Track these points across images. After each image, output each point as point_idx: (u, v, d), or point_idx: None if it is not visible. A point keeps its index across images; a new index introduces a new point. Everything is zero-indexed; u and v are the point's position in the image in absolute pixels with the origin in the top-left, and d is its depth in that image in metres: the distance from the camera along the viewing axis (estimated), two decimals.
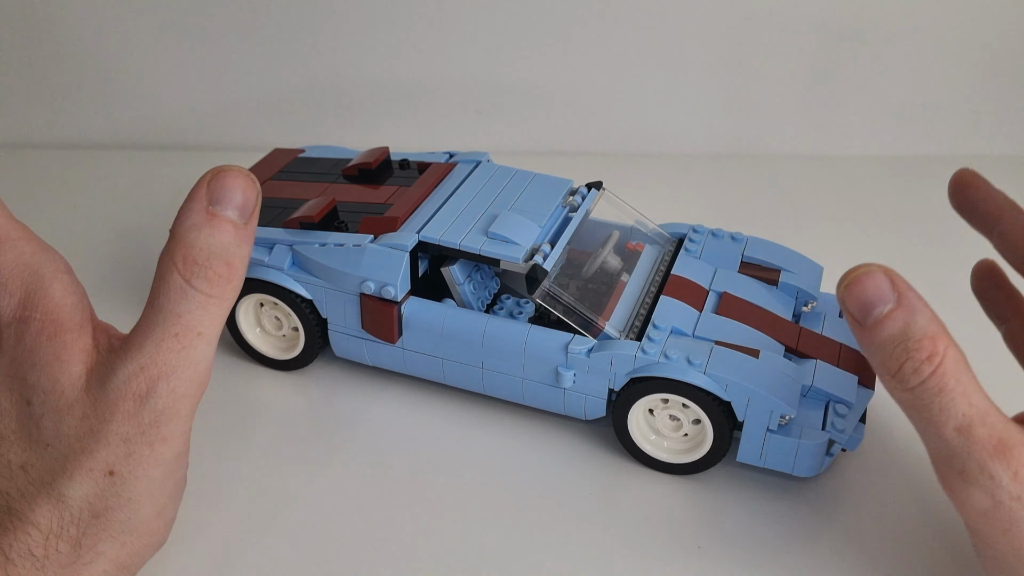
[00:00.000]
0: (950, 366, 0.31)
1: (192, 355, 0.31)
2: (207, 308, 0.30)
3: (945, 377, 0.30)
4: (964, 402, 0.31)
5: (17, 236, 0.32)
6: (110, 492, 0.30)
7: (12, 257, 0.31)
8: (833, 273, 0.52)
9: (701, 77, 0.73)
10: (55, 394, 0.30)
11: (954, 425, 0.31)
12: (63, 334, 0.31)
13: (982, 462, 0.30)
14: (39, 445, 0.30)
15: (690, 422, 0.42)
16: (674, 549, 0.40)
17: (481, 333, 0.43)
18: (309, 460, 0.44)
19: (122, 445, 0.30)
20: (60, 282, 0.32)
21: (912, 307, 0.31)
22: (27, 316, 0.31)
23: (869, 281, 0.32)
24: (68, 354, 0.31)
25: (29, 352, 0.31)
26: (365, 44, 0.71)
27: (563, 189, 0.48)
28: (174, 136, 0.75)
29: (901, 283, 0.32)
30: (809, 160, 0.74)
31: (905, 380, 0.31)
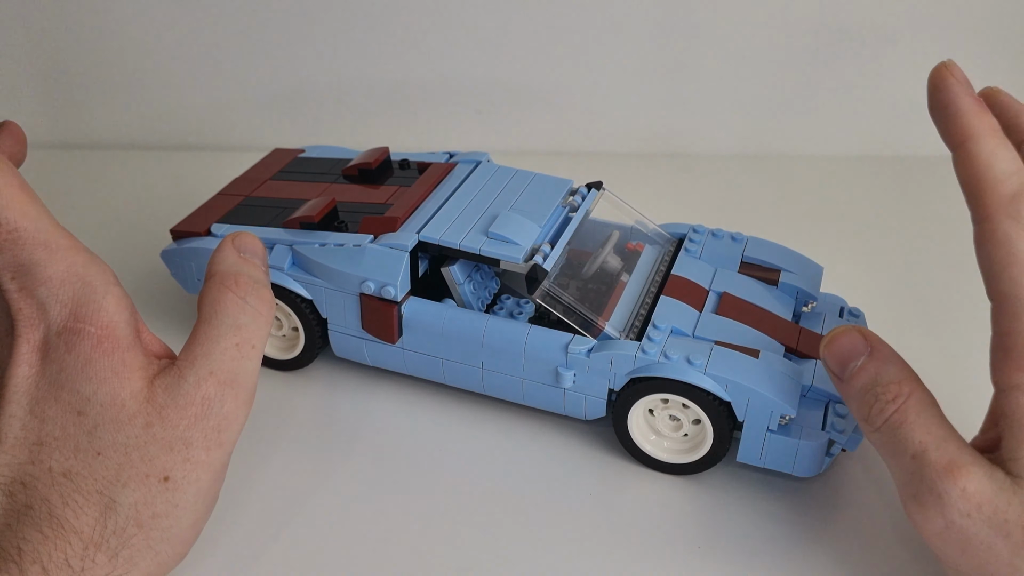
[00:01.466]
0: (913, 403, 0.33)
1: (249, 366, 0.33)
2: (259, 323, 0.34)
3: (907, 412, 0.33)
4: (922, 431, 0.32)
5: (67, 245, 0.32)
6: (160, 498, 0.31)
7: (64, 267, 0.32)
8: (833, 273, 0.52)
9: (701, 77, 0.73)
10: (114, 407, 0.31)
11: (911, 452, 0.32)
12: (120, 351, 0.32)
13: (932, 483, 0.32)
14: (88, 454, 0.31)
15: (690, 422, 0.42)
16: (674, 549, 0.40)
17: (481, 333, 0.43)
18: (309, 460, 0.44)
19: (183, 450, 0.31)
20: (112, 295, 0.32)
21: (883, 358, 0.34)
22: (79, 328, 0.31)
23: (844, 339, 0.35)
24: (127, 371, 0.32)
25: (83, 365, 0.31)
26: (365, 44, 0.71)
27: (563, 189, 0.48)
28: (174, 136, 0.75)
29: (873, 338, 0.35)
30: (809, 160, 0.74)
31: (872, 421, 0.34)
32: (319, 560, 0.39)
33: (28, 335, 0.31)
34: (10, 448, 0.30)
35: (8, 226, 0.31)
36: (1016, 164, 0.33)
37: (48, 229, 0.32)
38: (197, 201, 0.53)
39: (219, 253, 0.35)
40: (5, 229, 0.31)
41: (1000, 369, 0.32)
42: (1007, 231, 0.32)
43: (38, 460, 0.30)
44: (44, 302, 0.31)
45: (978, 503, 0.31)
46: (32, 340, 0.31)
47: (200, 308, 0.34)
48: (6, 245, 0.31)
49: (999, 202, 0.32)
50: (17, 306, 0.31)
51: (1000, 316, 0.32)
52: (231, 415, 0.32)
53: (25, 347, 0.31)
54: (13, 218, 0.31)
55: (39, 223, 0.31)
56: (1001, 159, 0.33)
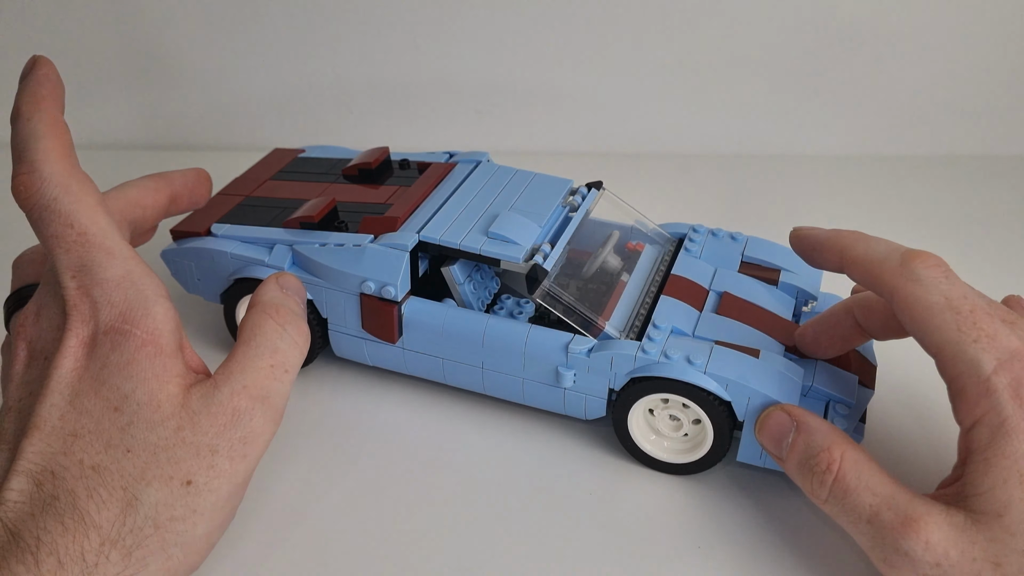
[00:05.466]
0: (848, 467, 0.34)
1: (281, 388, 0.35)
2: (295, 350, 0.36)
3: (846, 479, 0.34)
4: (868, 495, 0.33)
5: (127, 255, 0.34)
6: (180, 502, 0.32)
7: (120, 273, 0.33)
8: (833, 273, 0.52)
9: (701, 77, 0.73)
10: (150, 407, 0.32)
11: (865, 518, 0.33)
12: (163, 357, 0.33)
13: (895, 543, 0.32)
14: (118, 450, 0.31)
15: (690, 422, 0.42)
16: (674, 549, 0.40)
17: (481, 333, 0.43)
18: (309, 460, 0.44)
19: (208, 456, 0.32)
20: (161, 306, 0.34)
21: (807, 429, 0.36)
22: (127, 330, 0.33)
23: (770, 420, 0.38)
24: (167, 375, 0.33)
25: (127, 364, 0.32)
26: (365, 44, 0.71)
27: (563, 189, 0.48)
28: (174, 136, 0.75)
29: (797, 412, 0.37)
30: (809, 160, 0.74)
31: (817, 495, 0.35)
32: (319, 558, 0.39)
33: (78, 330, 0.33)
34: (47, 436, 0.31)
35: (79, 229, 0.33)
36: (888, 243, 0.37)
37: (113, 237, 0.34)
38: None
39: (264, 286, 0.38)
40: (76, 231, 0.33)
41: (959, 411, 0.33)
42: (912, 291, 0.34)
43: (71, 451, 0.31)
44: (97, 301, 0.33)
45: (944, 551, 0.32)
46: (80, 335, 0.33)
47: (240, 332, 0.36)
48: (74, 246, 0.33)
49: (893, 273, 0.35)
50: (72, 302, 0.33)
51: (943, 366, 0.34)
52: (258, 430, 0.33)
53: (73, 341, 0.33)
54: (85, 223, 0.33)
55: (106, 231, 0.34)
56: (875, 244, 0.37)
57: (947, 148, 0.76)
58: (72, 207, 0.33)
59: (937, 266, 0.35)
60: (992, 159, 0.75)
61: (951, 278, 0.34)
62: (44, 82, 0.36)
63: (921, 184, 0.71)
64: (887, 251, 0.36)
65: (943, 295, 0.34)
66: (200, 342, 0.51)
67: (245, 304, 0.48)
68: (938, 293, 0.34)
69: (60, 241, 0.33)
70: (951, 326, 0.33)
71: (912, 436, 0.46)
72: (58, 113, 0.36)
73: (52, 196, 0.33)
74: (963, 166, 0.73)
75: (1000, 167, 0.74)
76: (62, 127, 0.36)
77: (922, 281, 0.34)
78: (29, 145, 0.34)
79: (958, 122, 0.75)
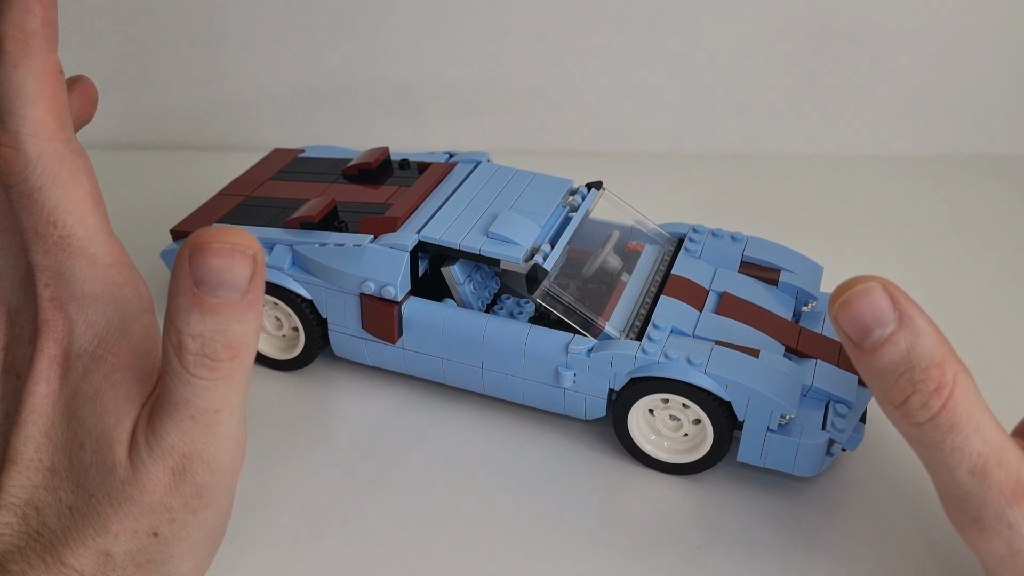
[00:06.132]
0: (961, 398, 0.28)
1: (218, 430, 0.29)
2: (216, 389, 0.28)
3: (957, 412, 0.28)
4: (978, 440, 0.28)
5: (112, 262, 0.31)
6: (153, 549, 0.30)
7: (100, 287, 0.30)
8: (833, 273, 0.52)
9: (701, 77, 0.73)
10: (104, 449, 0.29)
11: (968, 467, 0.28)
12: (128, 385, 0.30)
13: (999, 509, 0.28)
14: (85, 492, 0.29)
15: (690, 422, 0.42)
16: (674, 549, 0.40)
17: (481, 333, 0.43)
18: (309, 460, 0.44)
19: (165, 513, 0.29)
20: (140, 324, 0.31)
21: (916, 328, 0.28)
22: (100, 354, 0.30)
23: (867, 299, 0.28)
24: (126, 408, 0.30)
25: (93, 394, 0.30)
26: (365, 44, 0.71)
27: (563, 189, 0.48)
28: (174, 136, 0.75)
29: (903, 300, 0.28)
30: (809, 160, 0.74)
31: (912, 415, 0.28)
32: (318, 559, 0.39)
33: (50, 350, 0.30)
34: (24, 470, 0.30)
35: (63, 230, 0.29)
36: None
37: (100, 242, 0.30)
38: (197, 201, 0.53)
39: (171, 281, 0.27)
40: (58, 232, 0.29)
41: None
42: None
43: (51, 487, 0.29)
44: (73, 319, 0.30)
45: None
46: (53, 355, 0.30)
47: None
48: (53, 249, 0.30)
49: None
50: (44, 316, 0.30)
51: None
52: (210, 483, 0.30)
53: (45, 363, 0.30)
54: (70, 224, 0.29)
55: (93, 233, 0.30)
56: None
57: (947, 148, 0.75)
58: (58, 202, 0.29)
59: None
60: (992, 159, 0.75)
61: None
62: (34, 5, 0.28)
63: (921, 184, 0.71)
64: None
65: None
66: None
67: None
68: None
69: (39, 240, 0.29)
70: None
71: None
72: (52, 58, 0.29)
73: (37, 185, 0.29)
74: (963, 166, 0.73)
75: (1000, 167, 0.74)
76: (57, 82, 0.29)
77: None
78: (14, 108, 0.28)
79: (958, 122, 0.75)
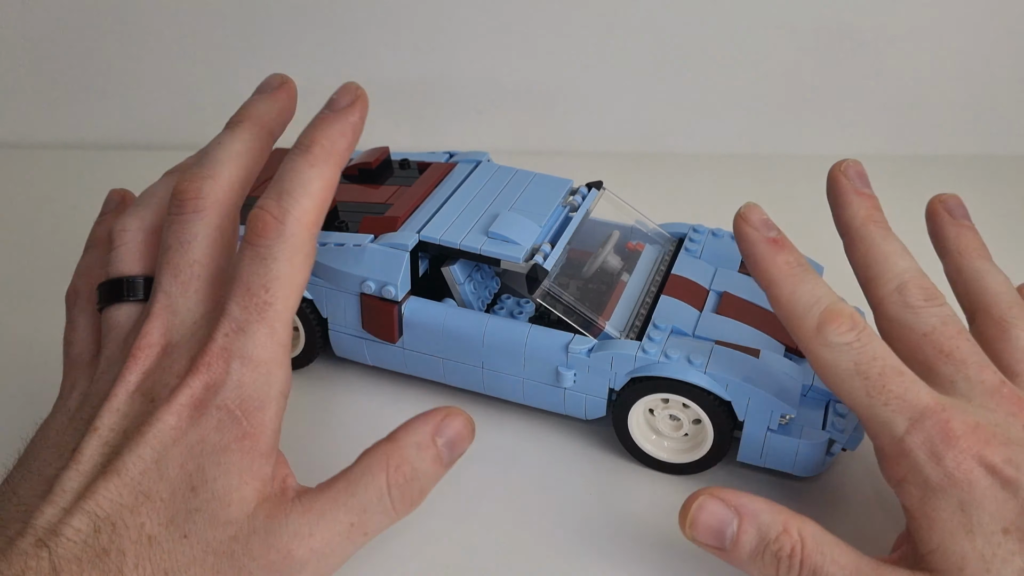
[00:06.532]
0: (810, 544, 0.32)
1: (348, 548, 0.32)
2: (385, 518, 0.32)
3: (812, 559, 0.32)
4: (836, 569, 0.32)
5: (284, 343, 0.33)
6: None
7: (267, 357, 0.32)
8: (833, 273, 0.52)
9: (701, 77, 0.73)
10: (222, 502, 0.30)
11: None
12: (255, 455, 0.31)
13: None
14: (178, 532, 0.30)
15: (690, 422, 0.42)
16: (674, 549, 0.39)
17: (481, 333, 0.43)
18: (308, 460, 0.44)
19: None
20: (277, 404, 0.32)
21: (753, 512, 0.33)
22: (237, 417, 0.31)
23: (704, 513, 0.33)
24: (250, 476, 0.31)
25: (221, 449, 0.31)
26: (366, 44, 0.71)
27: (563, 189, 0.48)
28: (174, 136, 0.75)
29: (731, 496, 0.33)
30: (809, 160, 0.74)
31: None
32: None
33: (195, 388, 0.31)
34: (123, 486, 0.30)
35: (270, 297, 0.32)
36: (814, 290, 0.35)
37: (286, 321, 0.33)
38: None
39: (418, 420, 0.33)
40: (266, 298, 0.32)
41: (884, 470, 0.34)
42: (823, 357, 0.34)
43: (137, 511, 0.29)
44: (230, 374, 0.31)
45: None
46: (195, 395, 0.31)
47: (356, 463, 0.33)
48: (252, 307, 0.32)
49: (808, 336, 0.34)
50: (206, 359, 0.31)
51: (867, 429, 0.34)
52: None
53: (185, 398, 0.31)
54: (279, 296, 0.32)
55: (286, 313, 0.33)
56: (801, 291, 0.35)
57: (947, 148, 0.75)
58: (281, 274, 0.32)
59: (851, 329, 0.34)
60: (992, 159, 0.75)
61: (864, 339, 0.34)
62: (350, 133, 0.35)
63: (921, 184, 0.71)
64: (807, 306, 0.35)
65: (852, 361, 0.33)
66: None
67: None
68: (847, 359, 0.33)
69: (246, 295, 0.32)
70: (860, 392, 0.33)
71: None
72: (339, 175, 0.34)
73: (275, 254, 0.32)
74: (963, 166, 0.73)
75: (1000, 167, 0.74)
76: (332, 193, 0.34)
77: (832, 347, 0.34)
78: (295, 192, 0.33)
79: (958, 122, 0.75)
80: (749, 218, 0.37)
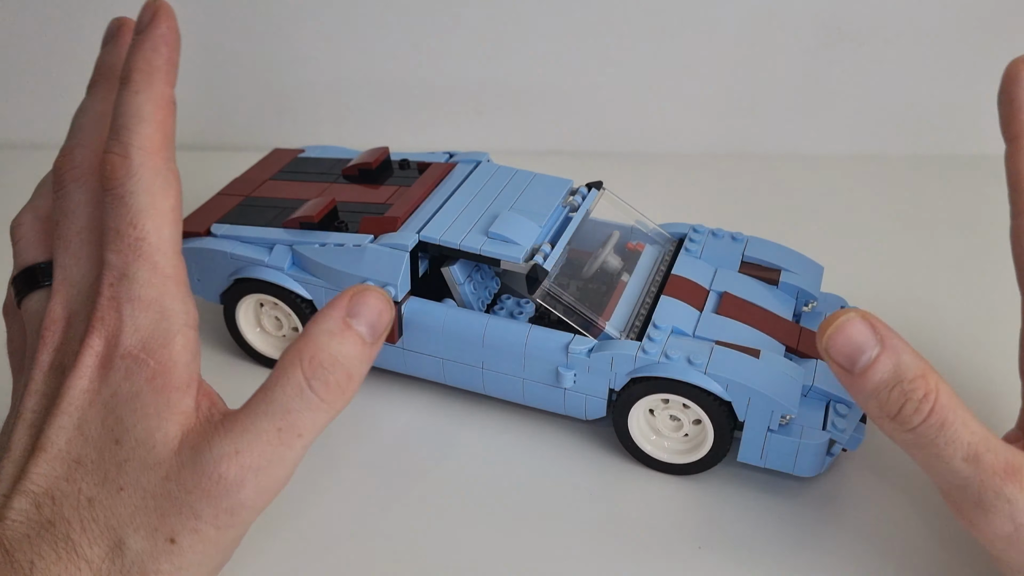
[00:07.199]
0: (946, 400, 0.31)
1: (286, 454, 0.31)
2: (316, 413, 0.31)
3: (944, 411, 0.31)
4: (967, 432, 0.31)
5: (171, 274, 0.32)
6: (164, 558, 0.30)
7: (156, 294, 0.32)
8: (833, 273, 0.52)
9: (701, 77, 0.73)
10: (146, 446, 0.30)
11: (962, 456, 0.31)
12: (168, 391, 0.31)
13: (996, 488, 0.31)
14: (113, 487, 0.30)
15: (690, 422, 0.42)
16: (674, 549, 0.40)
17: (481, 333, 0.43)
18: (308, 460, 0.44)
19: (192, 519, 0.30)
20: (183, 336, 0.32)
21: (897, 349, 0.32)
22: (143, 359, 0.31)
23: (850, 329, 0.32)
24: (168, 412, 0.31)
25: (135, 395, 0.31)
26: (365, 44, 0.71)
27: (563, 189, 0.48)
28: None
29: (881, 326, 0.32)
30: (809, 160, 0.74)
31: (907, 421, 0.32)
32: (319, 559, 0.39)
33: (97, 347, 0.31)
34: (52, 459, 0.30)
35: (139, 233, 0.32)
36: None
37: (166, 252, 0.32)
38: (197, 201, 0.53)
39: (325, 309, 0.32)
40: (135, 234, 0.32)
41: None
42: None
43: (72, 478, 0.30)
44: (124, 320, 0.31)
45: None
46: (99, 352, 0.31)
47: (272, 372, 0.32)
48: (126, 249, 0.32)
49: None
50: (100, 314, 0.32)
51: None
52: (248, 501, 0.31)
53: (91, 359, 0.31)
54: (148, 228, 0.32)
55: (163, 243, 0.32)
56: None
57: (947, 148, 0.75)
58: (143, 207, 0.32)
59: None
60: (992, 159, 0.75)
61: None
62: (162, 46, 0.35)
63: (921, 184, 0.71)
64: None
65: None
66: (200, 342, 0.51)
67: (245, 304, 0.48)
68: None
69: (117, 239, 0.32)
70: None
71: None
72: (169, 90, 0.35)
73: (131, 190, 0.32)
74: (964, 166, 0.73)
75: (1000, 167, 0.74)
76: (169, 109, 0.34)
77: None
78: (130, 124, 0.33)
79: (958, 122, 0.75)
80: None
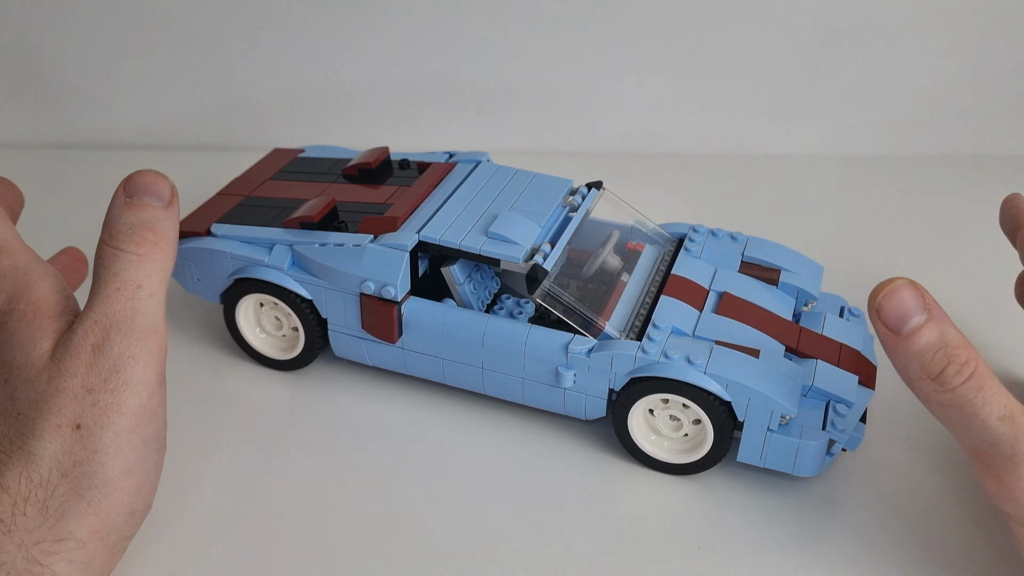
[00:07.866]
0: (983, 369, 0.34)
1: (137, 305, 0.34)
2: (140, 265, 0.35)
3: (983, 377, 0.34)
4: (1003, 396, 0.34)
5: (16, 248, 0.36)
6: (78, 446, 0.32)
7: (9, 262, 0.35)
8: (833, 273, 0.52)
9: (701, 77, 0.73)
10: (27, 367, 0.33)
11: (998, 415, 0.33)
12: (41, 319, 0.34)
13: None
14: (12, 416, 0.33)
15: (690, 422, 0.42)
16: (674, 549, 0.40)
17: (481, 333, 0.43)
18: (309, 460, 0.44)
19: (86, 396, 0.33)
20: (47, 282, 0.35)
21: (943, 319, 0.35)
22: (12, 308, 0.34)
23: (903, 293, 0.35)
24: (42, 333, 0.34)
25: (9, 336, 0.34)
26: (365, 44, 0.71)
27: (563, 189, 0.48)
28: (174, 136, 0.75)
29: (929, 297, 0.35)
30: (809, 160, 0.74)
31: (948, 381, 0.34)
32: (319, 559, 0.39)
33: None
34: None
35: None
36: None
37: (6, 235, 0.36)
38: (197, 201, 0.53)
39: (109, 207, 0.36)
40: None
41: None
42: None
43: None
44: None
45: None
46: None
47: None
48: None
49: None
50: None
51: None
52: (125, 355, 0.33)
53: None
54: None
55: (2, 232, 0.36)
56: None
57: (947, 148, 0.75)
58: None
59: None
60: (992, 159, 0.75)
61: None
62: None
63: (921, 184, 0.71)
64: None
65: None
66: (200, 343, 0.51)
67: (245, 304, 0.48)
68: None
69: None
70: None
71: (912, 436, 0.46)
72: None
73: None
74: (963, 166, 0.73)
75: (1000, 167, 0.74)
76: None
77: None
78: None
79: (958, 122, 0.75)
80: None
